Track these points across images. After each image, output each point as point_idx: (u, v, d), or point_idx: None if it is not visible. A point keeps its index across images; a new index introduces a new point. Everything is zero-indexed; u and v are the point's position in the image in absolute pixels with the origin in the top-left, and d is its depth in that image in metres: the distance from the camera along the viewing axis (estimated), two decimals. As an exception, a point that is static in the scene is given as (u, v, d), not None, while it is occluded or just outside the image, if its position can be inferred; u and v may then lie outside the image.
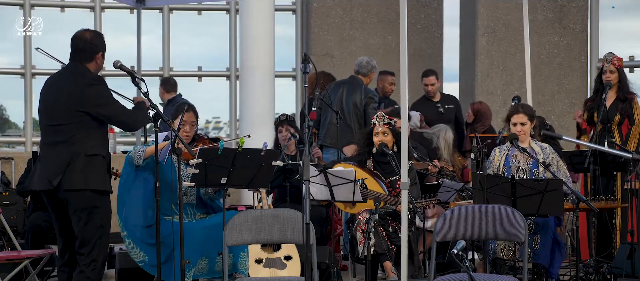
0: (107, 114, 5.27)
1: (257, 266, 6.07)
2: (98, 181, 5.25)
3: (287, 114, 7.54)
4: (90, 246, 5.26)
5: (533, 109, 6.63)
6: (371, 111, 7.98)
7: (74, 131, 5.21)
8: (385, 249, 6.29)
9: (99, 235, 5.28)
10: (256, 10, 9.33)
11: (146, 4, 7.82)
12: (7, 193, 8.23)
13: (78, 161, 5.19)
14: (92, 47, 5.32)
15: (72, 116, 5.21)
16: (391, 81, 8.82)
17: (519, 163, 6.38)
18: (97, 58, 5.34)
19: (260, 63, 9.29)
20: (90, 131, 5.24)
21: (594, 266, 6.53)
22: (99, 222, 5.28)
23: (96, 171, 5.25)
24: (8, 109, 11.75)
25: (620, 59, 7.42)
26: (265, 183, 5.78)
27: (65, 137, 5.22)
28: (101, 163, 5.29)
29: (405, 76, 5.11)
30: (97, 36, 5.40)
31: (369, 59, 8.43)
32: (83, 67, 5.31)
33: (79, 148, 5.21)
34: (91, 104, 5.21)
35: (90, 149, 5.24)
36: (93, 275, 5.29)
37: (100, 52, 5.35)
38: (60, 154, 5.22)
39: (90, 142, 5.24)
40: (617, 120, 7.31)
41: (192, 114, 6.00)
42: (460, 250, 4.00)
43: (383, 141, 6.62)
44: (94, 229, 5.26)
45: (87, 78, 5.26)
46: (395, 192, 6.60)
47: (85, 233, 5.26)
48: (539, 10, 10.89)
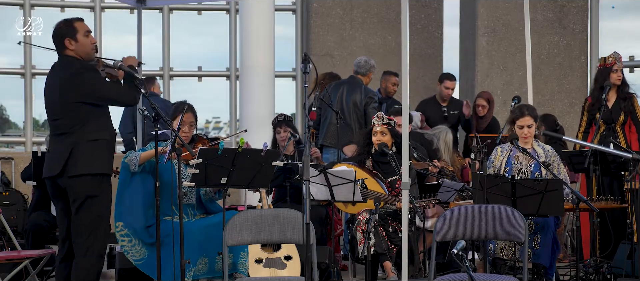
0: (102, 96, 5.33)
1: (257, 266, 6.07)
2: (100, 165, 5.31)
3: (285, 115, 7.54)
4: (85, 235, 5.28)
5: (536, 110, 6.62)
6: (371, 111, 7.99)
7: (72, 123, 5.28)
8: (385, 249, 6.29)
9: (95, 224, 5.29)
10: (256, 10, 9.34)
11: (146, 4, 7.81)
12: (7, 193, 8.23)
13: (80, 148, 5.26)
14: (58, 37, 5.38)
15: (66, 108, 5.28)
16: (394, 81, 8.84)
17: (521, 165, 6.36)
18: (67, 44, 5.36)
19: (260, 63, 9.30)
20: (89, 118, 5.30)
21: (594, 266, 6.53)
22: (97, 212, 5.30)
23: (98, 155, 5.31)
24: (8, 109, 11.76)
25: (620, 58, 7.43)
26: (265, 183, 5.79)
27: (65, 129, 5.31)
28: (104, 146, 5.35)
29: (406, 76, 5.11)
30: (63, 24, 5.43)
31: (368, 59, 8.44)
32: (66, 57, 5.38)
33: (79, 136, 5.28)
34: (84, 93, 5.26)
35: (92, 135, 5.30)
36: (88, 265, 5.27)
37: (66, 38, 5.37)
38: (63, 143, 5.30)
39: (90, 128, 5.29)
40: (621, 120, 7.31)
41: (191, 115, 6.00)
42: (460, 250, 4.00)
43: (381, 140, 6.62)
44: (91, 218, 5.28)
45: (73, 68, 5.32)
46: (395, 192, 6.60)
47: (81, 222, 5.28)
48: (539, 10, 10.89)
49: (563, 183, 5.86)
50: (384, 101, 8.72)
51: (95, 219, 5.29)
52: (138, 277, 5.96)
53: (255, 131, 8.51)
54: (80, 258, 5.28)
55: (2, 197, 8.16)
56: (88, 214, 5.27)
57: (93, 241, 5.29)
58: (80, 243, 5.29)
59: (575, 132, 7.95)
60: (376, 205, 5.91)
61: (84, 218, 5.27)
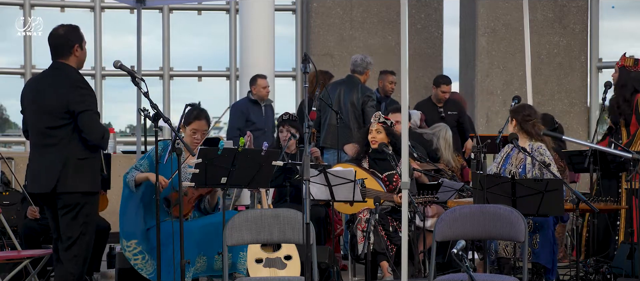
0: (82, 121, 5.21)
1: (257, 266, 6.06)
2: (87, 183, 5.30)
3: (290, 114, 7.53)
4: (72, 241, 5.29)
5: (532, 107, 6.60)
6: (369, 110, 7.99)
7: (64, 134, 5.23)
8: (384, 249, 6.30)
9: (81, 231, 5.31)
10: (256, 10, 9.34)
11: (146, 4, 7.80)
12: (7, 193, 8.22)
13: (69, 165, 5.22)
14: (67, 42, 5.30)
15: (61, 118, 5.22)
16: (392, 80, 8.81)
17: (511, 166, 6.35)
18: (75, 50, 5.32)
19: (260, 63, 9.30)
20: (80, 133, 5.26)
21: (594, 266, 6.53)
22: (83, 219, 5.31)
23: (86, 173, 5.29)
24: (8, 109, 11.77)
25: (624, 58, 7.31)
26: (265, 183, 5.78)
27: (56, 140, 5.25)
28: (91, 164, 5.33)
29: (405, 75, 5.11)
30: (72, 29, 5.37)
31: (364, 56, 8.43)
32: (66, 66, 5.31)
33: (70, 151, 5.23)
34: (74, 107, 5.20)
35: (81, 153, 5.26)
36: (74, 270, 5.30)
37: (76, 44, 5.32)
38: (53, 158, 5.24)
39: (80, 144, 5.25)
40: (623, 121, 7.27)
41: (204, 123, 5.96)
42: (460, 249, 4.00)
43: (376, 138, 6.65)
44: (77, 225, 5.30)
45: (73, 79, 5.27)
46: (393, 186, 6.61)
47: (69, 229, 5.30)
48: (539, 10, 10.89)
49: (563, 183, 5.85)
50: (382, 100, 8.71)
51: (81, 226, 5.32)
52: (138, 277, 5.95)
53: (255, 131, 8.51)
54: (67, 262, 5.33)
55: (2, 197, 8.15)
56: (76, 222, 5.30)
57: (79, 248, 5.32)
58: (67, 249, 5.32)
59: (575, 133, 7.94)
60: (376, 205, 5.91)
61: (72, 225, 5.30)
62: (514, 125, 6.34)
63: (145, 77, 5.86)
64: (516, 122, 6.33)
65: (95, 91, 10.58)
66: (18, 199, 7.96)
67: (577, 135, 10.55)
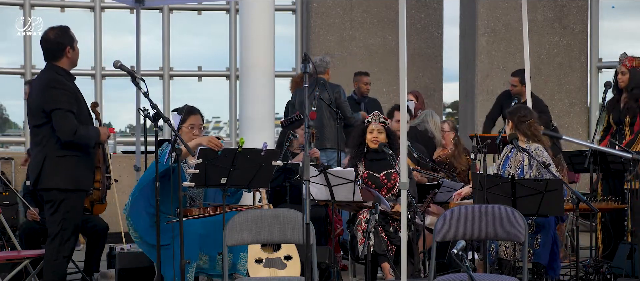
0: (53, 120, 5.34)
1: (257, 266, 6.06)
2: (65, 180, 5.40)
3: (295, 116, 7.69)
4: (52, 237, 5.43)
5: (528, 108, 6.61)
6: (342, 103, 8.35)
7: (46, 132, 5.39)
8: (385, 250, 6.30)
9: (60, 227, 5.41)
10: (256, 10, 9.31)
11: (146, 4, 7.81)
12: (7, 193, 8.23)
13: (48, 162, 5.38)
14: (58, 45, 5.45)
15: (41, 117, 5.39)
16: (366, 81, 9.19)
17: (510, 168, 6.35)
18: (66, 52, 5.45)
19: (260, 63, 9.27)
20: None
21: (594, 266, 6.53)
22: (61, 216, 5.41)
23: (64, 171, 5.40)
24: (8, 109, 11.77)
25: (632, 59, 7.31)
26: (265, 183, 5.79)
27: (39, 138, 5.44)
28: (71, 162, 5.42)
29: (404, 76, 5.11)
30: (62, 32, 5.49)
31: (322, 57, 8.88)
32: (53, 67, 5.45)
33: (49, 148, 5.38)
34: (45, 106, 5.34)
35: (59, 151, 5.39)
36: (57, 268, 5.43)
37: (67, 47, 5.45)
38: (37, 155, 5.45)
39: (59, 142, 5.37)
40: (628, 121, 7.29)
41: (199, 116, 6.04)
42: (460, 249, 4.00)
43: (378, 139, 6.66)
44: (56, 221, 5.41)
45: (48, 80, 5.39)
46: (391, 184, 6.62)
47: (49, 224, 5.47)
48: (539, 10, 10.89)
49: (562, 183, 5.85)
50: (361, 101, 9.06)
51: (60, 222, 5.41)
52: (138, 277, 5.96)
53: (256, 131, 8.50)
54: (51, 260, 5.44)
55: (2, 197, 8.16)
56: (55, 217, 5.42)
57: (59, 244, 5.43)
58: (50, 244, 5.46)
59: (575, 133, 7.95)
60: (376, 205, 5.91)
61: (52, 220, 5.43)
62: (510, 127, 6.35)
63: (145, 77, 5.88)
64: (513, 124, 6.33)
65: (95, 91, 10.67)
66: (18, 199, 7.97)
67: (577, 135, 10.55)
